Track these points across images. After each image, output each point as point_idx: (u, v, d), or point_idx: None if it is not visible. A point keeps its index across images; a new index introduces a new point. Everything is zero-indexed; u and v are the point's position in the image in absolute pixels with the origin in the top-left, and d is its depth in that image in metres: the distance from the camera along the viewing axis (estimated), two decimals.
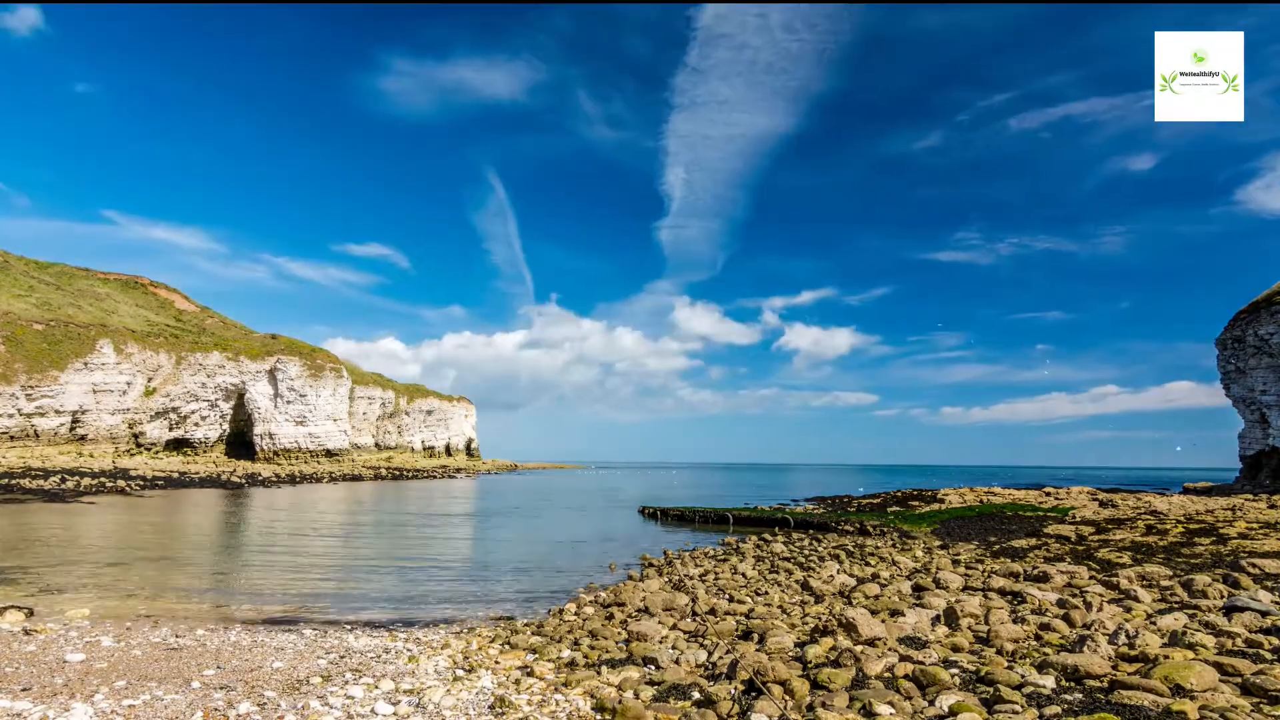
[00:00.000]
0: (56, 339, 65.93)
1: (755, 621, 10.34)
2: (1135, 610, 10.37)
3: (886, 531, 26.42)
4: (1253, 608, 9.59)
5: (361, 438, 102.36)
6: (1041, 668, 7.32)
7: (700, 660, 8.44)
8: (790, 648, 8.57)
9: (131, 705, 6.76)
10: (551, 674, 8.16)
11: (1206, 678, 6.47)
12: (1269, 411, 55.28)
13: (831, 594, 13.06)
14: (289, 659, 8.74)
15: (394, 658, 8.95)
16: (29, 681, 7.46)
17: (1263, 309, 56.09)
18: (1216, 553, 16.20)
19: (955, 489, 48.94)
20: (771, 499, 49.99)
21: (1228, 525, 21.36)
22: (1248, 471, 58.31)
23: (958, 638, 8.90)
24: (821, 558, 19.19)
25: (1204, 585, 11.52)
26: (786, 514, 32.69)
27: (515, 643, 9.75)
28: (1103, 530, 22.39)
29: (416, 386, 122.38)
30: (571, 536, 27.70)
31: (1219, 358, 61.60)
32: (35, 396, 61.65)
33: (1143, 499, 37.01)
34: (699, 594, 13.08)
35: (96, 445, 67.36)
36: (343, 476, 70.52)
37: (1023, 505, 34.84)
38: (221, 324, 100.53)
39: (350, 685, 7.56)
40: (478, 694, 7.33)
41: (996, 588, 12.47)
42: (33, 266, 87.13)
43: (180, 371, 78.46)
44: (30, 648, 8.91)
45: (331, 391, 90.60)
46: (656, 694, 7.17)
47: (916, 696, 6.62)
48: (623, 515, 37.68)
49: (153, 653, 8.88)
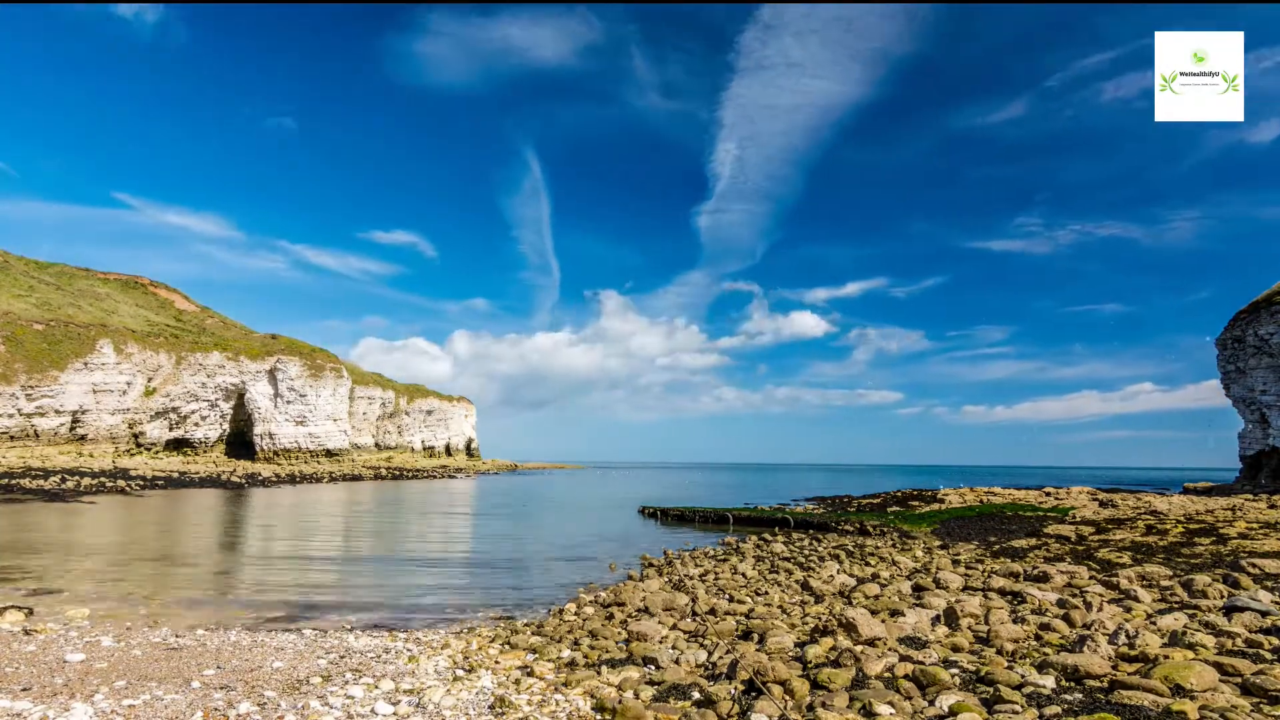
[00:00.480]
0: (56, 339, 65.93)
1: (755, 621, 10.34)
2: (1135, 610, 10.36)
3: (886, 531, 26.42)
4: (1253, 608, 9.59)
5: (361, 438, 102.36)
6: (1041, 668, 7.32)
7: (700, 660, 8.44)
8: (790, 648, 8.57)
9: (131, 705, 6.76)
10: (551, 674, 8.16)
11: (1206, 678, 6.47)
12: (1269, 411, 55.29)
13: (831, 594, 13.05)
14: (289, 659, 8.74)
15: (394, 658, 8.94)
16: (29, 681, 7.46)
17: (1263, 309, 56.10)
18: (1216, 553, 16.20)
19: (955, 489, 48.95)
20: (773, 499, 49.98)
21: (1228, 525, 21.36)
22: (1248, 471, 58.31)
23: (958, 638, 8.90)
24: (821, 558, 19.18)
25: (1204, 585, 11.51)
26: (786, 514, 32.68)
27: (515, 643, 9.75)
28: (1103, 530, 22.39)
29: (416, 386, 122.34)
30: (571, 536, 27.70)
31: (1219, 358, 61.61)
32: (35, 396, 61.64)
33: (1143, 499, 37.01)
34: (699, 594, 13.08)
35: (96, 445, 67.35)
36: (343, 476, 70.52)
37: (1023, 505, 34.84)
38: (221, 324, 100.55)
39: (350, 685, 7.56)
40: (478, 694, 7.33)
41: (996, 588, 12.46)
42: (33, 266, 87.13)
43: (180, 371, 78.46)
44: (30, 648, 8.91)
45: (331, 391, 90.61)
46: (656, 694, 7.17)
47: (916, 696, 6.61)
48: (623, 515, 37.68)
49: (153, 653, 8.88)
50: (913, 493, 47.98)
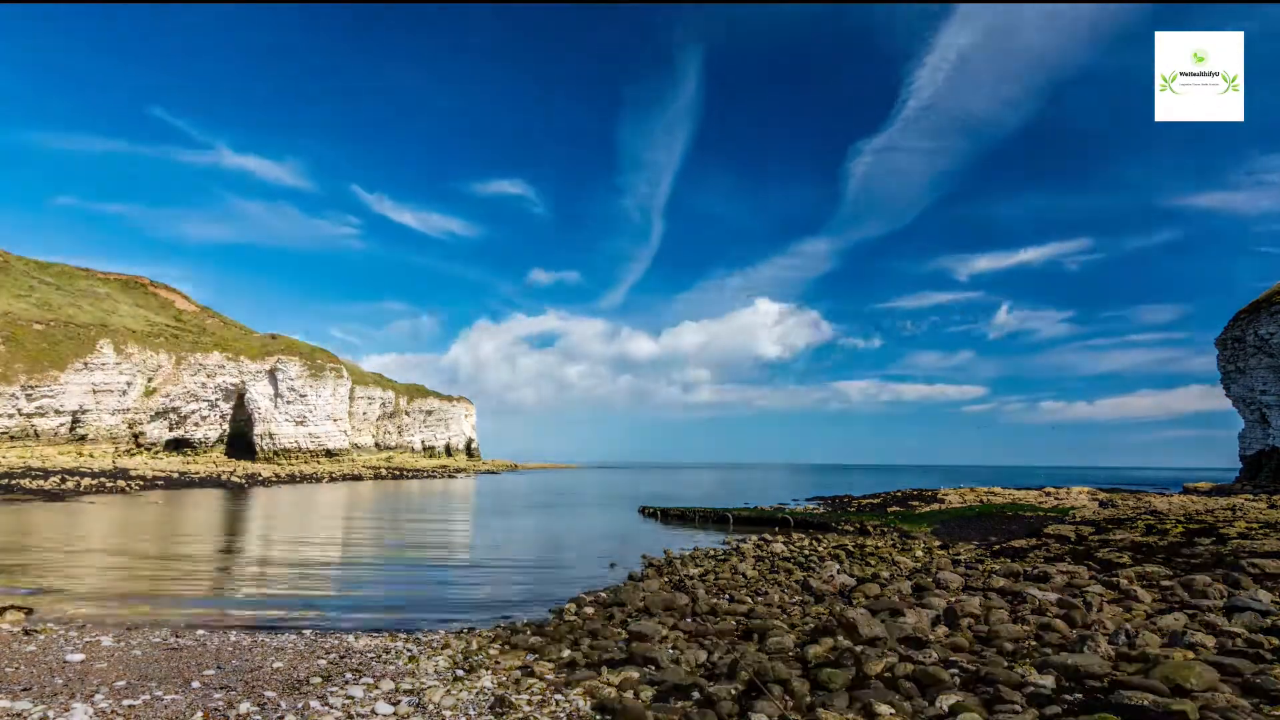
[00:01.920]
0: (56, 339, 65.94)
1: (755, 621, 10.33)
2: (1135, 610, 10.36)
3: (886, 531, 26.41)
4: (1253, 608, 9.60)
5: (361, 438, 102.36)
6: (1042, 668, 7.32)
7: (700, 660, 8.44)
8: (790, 648, 8.57)
9: (131, 705, 6.76)
10: (552, 674, 8.16)
11: (1207, 678, 6.47)
12: (1269, 411, 55.31)
13: (831, 594, 13.05)
14: (289, 659, 8.74)
15: (394, 658, 8.94)
16: (29, 681, 7.46)
17: (1263, 309, 56.13)
18: (1216, 553, 16.18)
19: (955, 489, 48.96)
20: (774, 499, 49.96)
21: (1228, 525, 21.35)
22: (1248, 471, 58.34)
23: (958, 638, 8.90)
24: (821, 558, 19.17)
25: (1204, 585, 11.51)
26: (786, 514, 32.68)
27: (515, 643, 9.75)
28: (1103, 530, 22.38)
29: (416, 386, 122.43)
30: (571, 536, 27.69)
31: (1219, 358, 61.63)
32: (35, 396, 61.64)
33: (1143, 499, 37.01)
34: (699, 594, 13.07)
35: (96, 445, 67.35)
36: (342, 476, 70.51)
37: (1023, 505, 34.83)
38: (221, 324, 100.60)
39: (350, 685, 7.55)
40: (478, 694, 7.33)
41: (997, 588, 12.46)
42: (33, 266, 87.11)
43: (180, 371, 78.46)
44: (30, 648, 8.91)
45: (331, 391, 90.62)
46: (657, 694, 7.17)
47: (917, 696, 6.61)
48: (623, 515, 37.69)
49: (153, 653, 8.88)
50: (913, 493, 47.99)
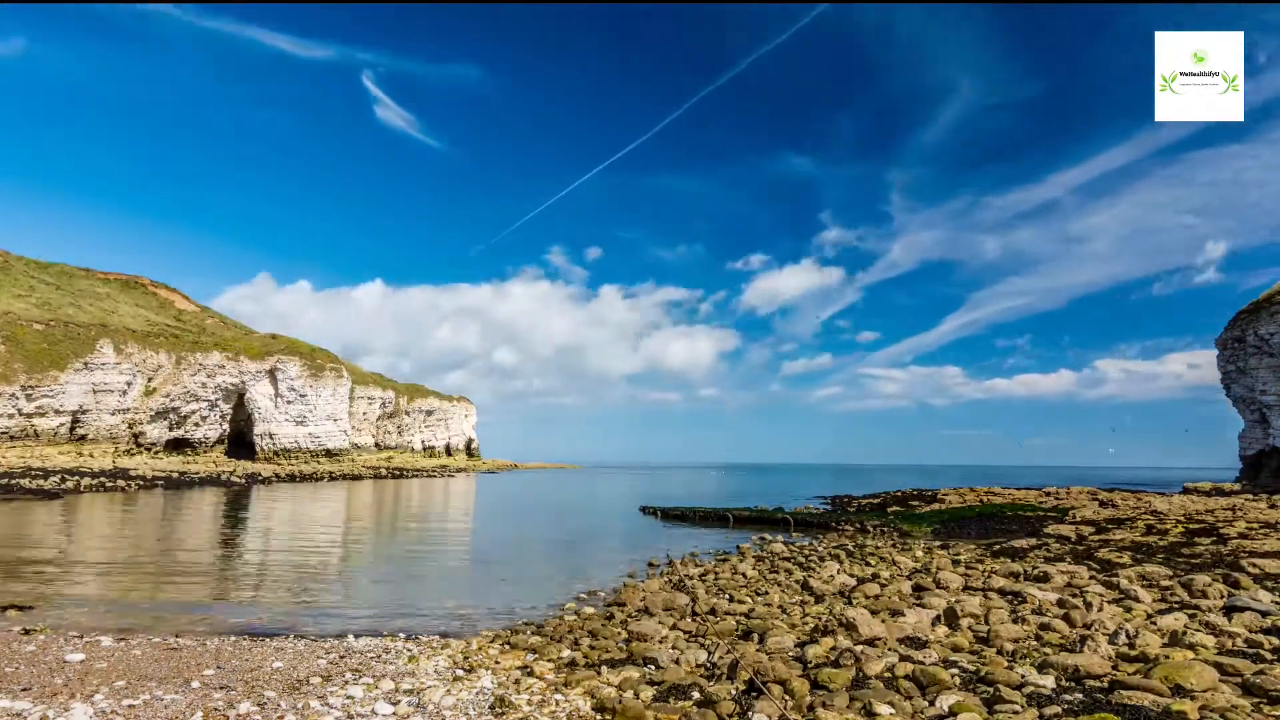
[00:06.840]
0: (56, 339, 65.93)
1: (755, 621, 10.33)
2: (1135, 610, 10.36)
3: (886, 531, 26.42)
4: (1253, 608, 9.60)
5: (361, 437, 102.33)
6: (1041, 668, 7.32)
7: (700, 660, 8.44)
8: (790, 648, 8.57)
9: (131, 705, 6.76)
10: (552, 674, 8.16)
11: (1207, 678, 6.47)
12: (1269, 411, 55.31)
13: (831, 594, 13.04)
14: (289, 659, 8.73)
15: (394, 657, 8.94)
16: (29, 681, 7.46)
17: (1263, 309, 56.12)
18: (1216, 553, 16.18)
19: (955, 489, 48.95)
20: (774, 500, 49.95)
21: (1228, 525, 21.35)
22: (1248, 471, 58.34)
23: (958, 638, 8.90)
24: (821, 558, 19.17)
25: (1204, 585, 11.51)
26: (786, 514, 32.68)
27: (515, 642, 9.75)
28: (1103, 530, 22.39)
29: (416, 386, 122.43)
30: (572, 536, 27.68)
31: (1219, 358, 61.62)
32: (35, 396, 61.63)
33: (1143, 499, 37.00)
34: (699, 594, 13.07)
35: (96, 445, 67.34)
36: (342, 476, 70.50)
37: (1023, 505, 34.81)
38: (221, 324, 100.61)
39: (350, 685, 7.55)
40: (478, 694, 7.33)
41: (996, 588, 12.46)
42: (33, 266, 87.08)
43: (180, 371, 78.45)
44: (30, 648, 8.91)
45: (331, 391, 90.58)
46: (657, 694, 7.17)
47: (916, 696, 6.61)
48: (623, 515, 37.68)
49: (152, 653, 8.88)
50: (913, 493, 47.99)
